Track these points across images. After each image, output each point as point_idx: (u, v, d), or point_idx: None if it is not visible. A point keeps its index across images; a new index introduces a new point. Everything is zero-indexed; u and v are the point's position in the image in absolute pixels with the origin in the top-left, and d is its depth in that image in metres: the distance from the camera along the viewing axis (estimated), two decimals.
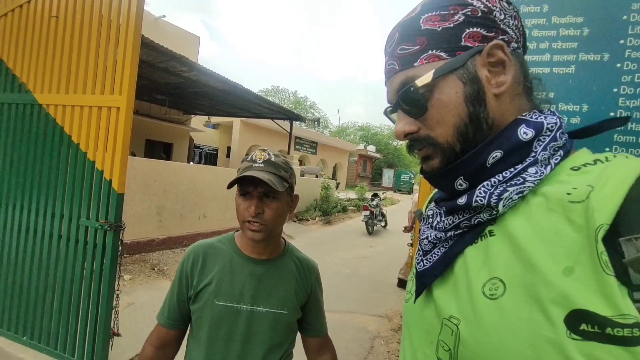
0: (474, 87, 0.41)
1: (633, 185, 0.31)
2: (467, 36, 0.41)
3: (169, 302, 0.87)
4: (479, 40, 0.42)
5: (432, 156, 0.45)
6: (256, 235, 0.78)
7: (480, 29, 0.41)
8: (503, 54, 0.41)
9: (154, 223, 4.91)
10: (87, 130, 1.95)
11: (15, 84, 2.18)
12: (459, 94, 0.41)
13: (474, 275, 0.39)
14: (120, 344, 1.96)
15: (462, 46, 0.42)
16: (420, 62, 0.43)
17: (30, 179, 2.10)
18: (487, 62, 0.42)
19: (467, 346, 0.37)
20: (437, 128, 0.43)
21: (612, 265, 0.29)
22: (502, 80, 0.42)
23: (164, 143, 10.79)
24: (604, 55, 0.89)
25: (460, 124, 0.42)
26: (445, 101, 0.42)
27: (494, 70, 0.42)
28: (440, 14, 0.42)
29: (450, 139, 0.42)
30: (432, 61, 0.42)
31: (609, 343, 0.28)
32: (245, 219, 0.79)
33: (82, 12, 1.99)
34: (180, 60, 5.26)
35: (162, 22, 9.22)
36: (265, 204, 0.79)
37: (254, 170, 0.77)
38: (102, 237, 1.88)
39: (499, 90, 0.42)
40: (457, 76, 0.41)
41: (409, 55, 0.44)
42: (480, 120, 0.41)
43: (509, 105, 0.43)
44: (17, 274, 2.11)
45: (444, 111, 0.42)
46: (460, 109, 0.42)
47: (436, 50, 0.42)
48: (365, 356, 2.73)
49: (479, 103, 0.41)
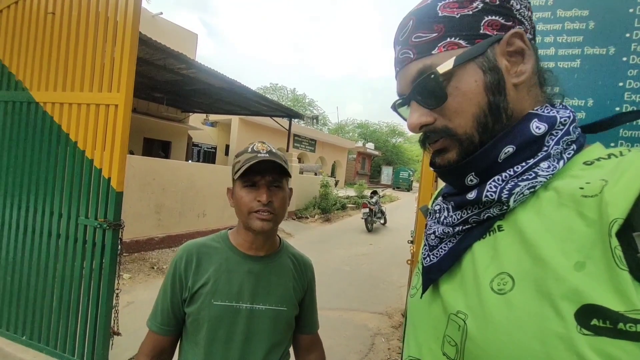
0: (494, 76, 0.40)
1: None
2: (485, 24, 0.41)
3: (162, 307, 0.82)
4: (498, 28, 0.41)
5: (449, 148, 0.43)
6: (265, 224, 0.77)
7: (498, 17, 0.41)
8: (522, 43, 0.41)
9: (153, 222, 4.90)
10: (85, 128, 1.93)
11: (12, 81, 2.16)
12: (479, 82, 0.40)
13: (482, 271, 0.38)
14: (120, 342, 1.96)
15: (481, 34, 0.41)
16: (438, 50, 0.41)
17: (28, 177, 2.08)
18: (506, 51, 0.41)
19: (474, 341, 0.37)
20: (456, 118, 0.42)
21: (625, 260, 0.28)
22: (521, 70, 0.41)
23: (162, 141, 10.75)
24: (609, 49, 0.88)
25: (480, 114, 0.41)
26: (465, 90, 0.41)
27: (513, 60, 0.41)
28: (458, 1, 0.41)
29: (470, 129, 0.41)
30: (451, 49, 0.41)
31: (621, 338, 0.27)
32: (253, 209, 0.77)
33: (78, 9, 1.96)
34: (178, 58, 5.22)
35: (159, 19, 9.15)
36: (272, 192, 0.78)
37: (263, 158, 0.76)
38: (102, 235, 1.86)
39: (518, 79, 0.41)
40: (477, 64, 0.40)
41: (426, 43, 0.42)
42: (500, 110, 0.40)
43: (526, 95, 0.42)
44: (15, 273, 2.09)
45: (463, 101, 0.41)
46: (480, 99, 0.40)
47: (455, 38, 0.41)
48: (366, 353, 2.74)
49: (499, 92, 0.40)
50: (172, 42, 5.77)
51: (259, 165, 0.76)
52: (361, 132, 34.88)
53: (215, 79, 6.28)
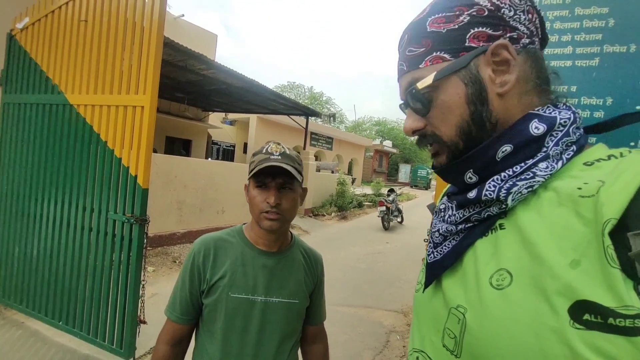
0: (475, 87, 0.42)
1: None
2: (471, 37, 0.42)
3: (180, 297, 0.85)
4: (485, 40, 0.42)
5: (440, 152, 0.47)
6: (273, 224, 0.80)
7: (485, 29, 0.42)
8: (507, 54, 0.41)
9: (175, 217, 5.09)
10: (114, 128, 2.05)
11: (49, 85, 2.32)
12: (461, 95, 0.42)
13: (482, 267, 0.40)
14: (147, 331, 2.07)
15: (465, 47, 0.42)
16: (425, 64, 0.44)
17: (64, 174, 2.23)
18: (491, 61, 0.42)
19: (472, 334, 0.38)
20: (441, 127, 0.45)
21: (618, 258, 0.30)
22: (505, 80, 0.42)
23: (183, 140, 11.07)
24: (630, 47, 0.86)
25: (463, 124, 0.43)
26: (448, 102, 0.43)
27: (499, 69, 0.42)
28: (446, 15, 0.43)
29: (454, 137, 0.44)
30: (436, 62, 0.43)
31: (611, 332, 0.29)
32: (262, 210, 0.80)
33: (108, 16, 2.08)
34: (199, 59, 5.37)
35: (181, 21, 9.41)
36: (282, 194, 0.81)
37: (273, 162, 0.79)
38: (129, 230, 1.98)
39: (502, 89, 0.42)
40: (459, 77, 0.42)
41: (416, 57, 0.45)
42: (483, 120, 0.42)
43: (516, 102, 0.43)
44: (53, 264, 2.26)
45: (447, 111, 0.44)
46: (462, 110, 0.43)
47: (440, 52, 0.43)
48: (381, 350, 2.75)
49: (480, 103, 0.42)
50: (192, 43, 5.94)
51: (271, 168, 0.79)
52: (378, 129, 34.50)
53: (234, 79, 6.41)
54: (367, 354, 2.67)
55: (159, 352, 0.85)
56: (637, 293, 0.29)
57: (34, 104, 2.37)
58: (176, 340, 0.86)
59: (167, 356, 0.85)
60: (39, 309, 2.31)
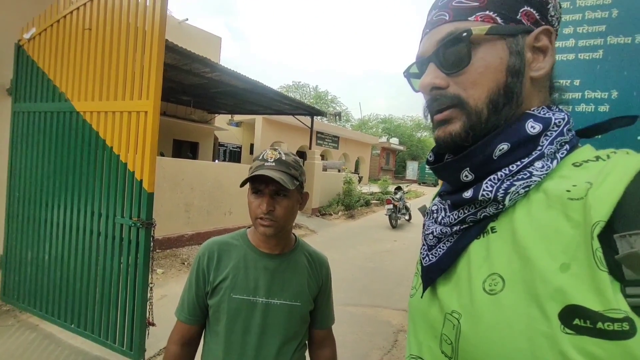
0: (517, 60, 0.41)
1: (631, 182, 0.31)
2: (523, 12, 0.42)
3: (187, 299, 0.89)
4: (532, 21, 0.42)
5: (454, 120, 0.43)
6: (267, 230, 0.81)
7: (535, 11, 0.42)
8: (548, 42, 0.42)
9: (183, 220, 5.15)
10: (119, 134, 2.08)
11: (56, 93, 2.37)
12: (504, 60, 0.41)
13: (475, 271, 0.40)
14: (156, 333, 2.10)
15: (517, 19, 0.42)
16: (475, 18, 0.42)
17: (72, 180, 2.28)
18: (532, 45, 0.42)
19: (467, 340, 0.38)
20: (471, 89, 0.42)
21: (605, 261, 0.30)
22: (541, 66, 0.42)
23: (190, 142, 11.20)
24: (635, 37, 0.83)
25: (495, 91, 0.41)
26: (488, 63, 0.41)
27: (535, 56, 0.42)
28: None
29: (481, 103, 0.42)
30: (488, 21, 0.42)
31: (600, 337, 0.29)
32: (257, 216, 0.82)
33: (111, 23, 2.11)
34: (203, 62, 5.41)
35: (185, 25, 9.50)
36: (276, 201, 0.82)
37: (265, 169, 0.80)
38: (136, 233, 2.01)
39: (537, 74, 0.42)
40: (507, 44, 0.41)
41: (466, 9, 0.43)
42: (514, 94, 0.42)
43: (537, 93, 0.43)
44: (64, 268, 2.31)
45: (484, 73, 0.41)
46: (499, 76, 0.41)
47: (493, 13, 0.42)
48: (389, 349, 2.74)
49: (517, 77, 0.42)
50: (197, 46, 6.00)
51: (260, 177, 0.79)
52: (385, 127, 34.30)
53: (239, 81, 6.45)
54: (375, 354, 2.66)
55: (169, 351, 0.89)
56: (624, 296, 0.29)
57: (43, 112, 2.43)
58: (185, 340, 0.90)
59: (177, 355, 0.89)
60: (52, 312, 2.37)
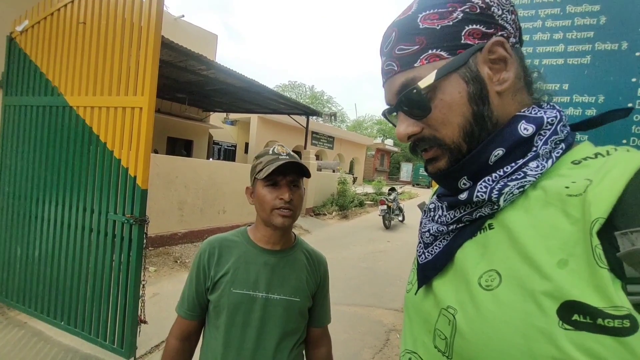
0: (476, 86, 0.41)
1: (632, 179, 0.31)
2: (466, 34, 0.41)
3: (188, 294, 0.90)
4: (479, 37, 0.41)
5: (439, 157, 0.45)
6: (286, 220, 0.84)
7: (479, 26, 0.41)
8: (504, 51, 0.41)
9: (176, 218, 5.11)
10: (113, 129, 2.06)
11: (49, 87, 2.33)
12: (463, 93, 0.41)
13: (472, 268, 0.40)
14: (147, 331, 2.09)
15: (462, 44, 0.41)
16: (420, 63, 0.42)
17: (64, 176, 2.25)
18: (488, 59, 0.41)
19: (462, 335, 0.38)
20: (442, 129, 0.42)
21: (606, 258, 0.29)
22: (504, 77, 0.41)
23: (184, 140, 11.11)
24: (622, 44, 0.86)
25: (466, 124, 0.41)
26: (449, 102, 0.41)
27: (495, 67, 0.41)
28: (439, 11, 0.42)
29: (457, 139, 0.42)
30: (433, 61, 0.42)
31: (599, 333, 0.29)
32: (275, 207, 0.84)
33: (106, 18, 2.10)
34: (199, 59, 5.38)
35: (181, 21, 9.42)
36: (293, 191, 0.85)
37: (285, 160, 0.84)
38: (129, 230, 2.00)
39: (501, 87, 0.41)
40: (460, 75, 0.41)
41: (409, 56, 0.43)
42: (485, 119, 0.41)
43: (511, 101, 0.42)
44: (54, 264, 2.28)
45: (448, 112, 0.42)
46: (464, 109, 0.41)
47: (436, 50, 0.41)
48: (381, 349, 2.76)
49: (482, 102, 0.41)
50: (193, 44, 5.95)
51: (282, 167, 0.83)
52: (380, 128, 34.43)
53: (234, 79, 6.42)
54: (367, 353, 2.68)
55: (169, 345, 0.91)
56: (625, 293, 0.29)
57: (35, 106, 2.39)
58: (185, 335, 0.91)
59: (176, 349, 0.91)
60: (41, 309, 2.34)
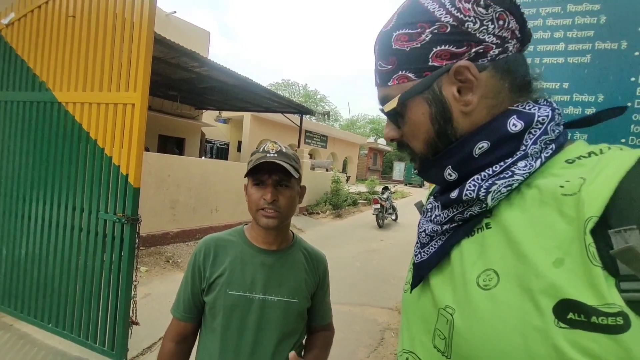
0: (439, 107, 0.43)
1: (624, 178, 0.31)
2: (434, 56, 0.42)
3: (183, 296, 0.88)
4: (447, 58, 0.42)
5: (414, 159, 0.50)
6: (270, 221, 0.81)
7: (448, 46, 0.41)
8: (470, 75, 0.41)
9: (168, 217, 5.03)
10: (104, 126, 2.01)
11: (36, 82, 2.26)
12: (425, 114, 0.44)
13: (469, 267, 0.40)
14: (139, 332, 2.04)
15: (429, 66, 0.42)
16: (392, 82, 0.46)
17: (52, 174, 2.18)
18: (455, 80, 0.42)
19: (461, 334, 0.38)
20: (412, 140, 0.48)
21: (599, 256, 0.30)
22: (469, 100, 0.42)
23: (176, 138, 10.96)
24: (621, 44, 0.86)
25: (430, 140, 0.45)
26: (415, 120, 0.45)
27: (465, 86, 0.42)
28: (408, 32, 0.43)
29: (424, 150, 0.47)
30: (402, 82, 0.45)
31: (594, 331, 0.29)
32: (259, 207, 0.81)
33: (97, 11, 2.04)
34: (191, 56, 5.30)
35: (173, 18, 9.28)
36: (279, 191, 0.82)
37: (269, 159, 0.80)
38: (120, 229, 1.95)
39: (467, 109, 0.42)
40: (423, 98, 0.43)
41: (385, 74, 0.46)
42: (448, 136, 0.44)
43: (485, 114, 0.42)
44: (42, 265, 2.21)
45: (415, 128, 0.46)
46: (427, 127, 0.45)
47: (405, 71, 0.44)
48: (376, 347, 2.76)
49: (444, 122, 0.43)
50: (185, 40, 5.86)
51: (267, 165, 0.80)
52: (373, 127, 34.59)
53: (227, 77, 6.35)
54: (362, 352, 2.68)
55: (164, 348, 0.88)
56: (619, 290, 0.29)
57: (21, 102, 2.31)
58: (181, 337, 0.89)
59: (172, 352, 0.88)
60: (28, 310, 2.27)
